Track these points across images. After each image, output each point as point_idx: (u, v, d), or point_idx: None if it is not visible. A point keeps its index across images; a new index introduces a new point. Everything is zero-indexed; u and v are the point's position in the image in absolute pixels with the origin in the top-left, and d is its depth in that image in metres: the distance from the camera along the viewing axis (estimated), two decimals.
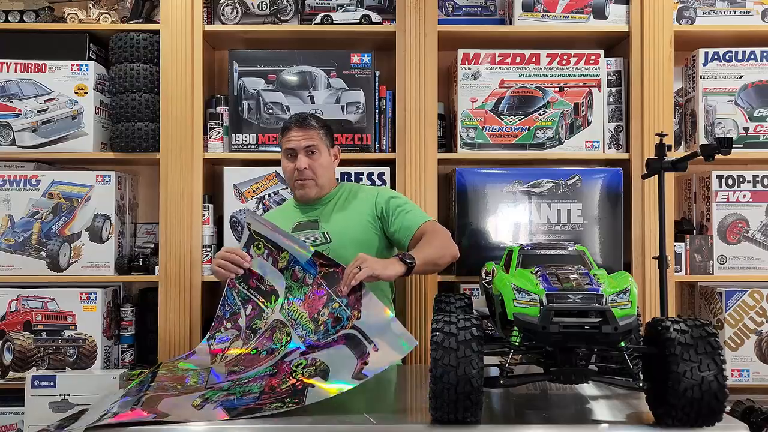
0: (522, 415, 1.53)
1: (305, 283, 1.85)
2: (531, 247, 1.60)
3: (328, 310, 1.78)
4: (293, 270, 1.87)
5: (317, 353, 1.67)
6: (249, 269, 1.94)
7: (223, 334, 1.92)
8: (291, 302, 1.86)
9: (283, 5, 2.52)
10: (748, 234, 2.47)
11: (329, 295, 1.79)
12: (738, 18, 2.51)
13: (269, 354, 1.77)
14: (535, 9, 2.48)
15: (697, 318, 1.40)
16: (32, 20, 2.50)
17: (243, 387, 1.57)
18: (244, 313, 1.91)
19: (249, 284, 1.94)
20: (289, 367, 1.65)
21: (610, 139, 2.50)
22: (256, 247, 1.95)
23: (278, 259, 1.90)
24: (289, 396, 1.48)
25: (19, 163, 2.50)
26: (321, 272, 1.83)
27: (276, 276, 1.90)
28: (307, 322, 1.80)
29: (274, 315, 1.86)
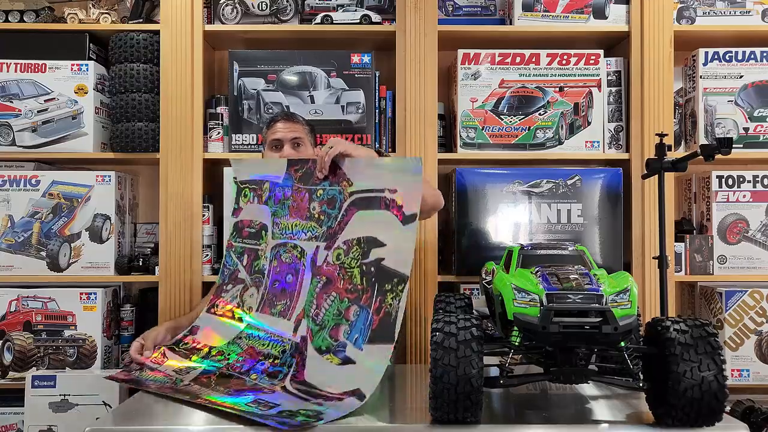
0: (522, 415, 1.53)
1: (286, 197, 1.82)
2: (531, 247, 1.60)
3: (316, 203, 1.74)
4: (274, 195, 1.85)
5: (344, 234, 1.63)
6: (240, 220, 1.92)
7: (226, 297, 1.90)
8: (278, 223, 1.82)
9: (283, 5, 2.52)
10: (748, 234, 2.47)
11: (309, 191, 1.75)
12: (738, 18, 2.51)
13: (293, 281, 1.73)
14: (535, 9, 2.48)
15: (697, 318, 1.40)
16: (32, 20, 2.50)
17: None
18: (242, 265, 1.89)
19: (242, 235, 1.92)
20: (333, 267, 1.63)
21: (610, 139, 2.50)
22: (243, 196, 1.93)
23: (261, 194, 1.89)
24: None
25: (19, 163, 2.50)
26: (296, 178, 1.80)
27: (261, 210, 1.88)
28: (304, 225, 1.74)
29: (269, 245, 1.83)
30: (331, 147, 1.73)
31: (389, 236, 1.58)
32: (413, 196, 1.56)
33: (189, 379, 1.66)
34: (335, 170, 1.72)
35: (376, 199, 1.62)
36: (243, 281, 1.87)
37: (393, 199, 1.58)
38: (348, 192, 1.67)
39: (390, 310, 1.54)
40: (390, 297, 1.55)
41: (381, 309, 1.56)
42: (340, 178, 1.71)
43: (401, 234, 1.55)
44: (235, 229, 1.96)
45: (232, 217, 1.97)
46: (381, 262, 1.57)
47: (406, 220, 1.55)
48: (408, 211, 1.56)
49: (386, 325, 1.53)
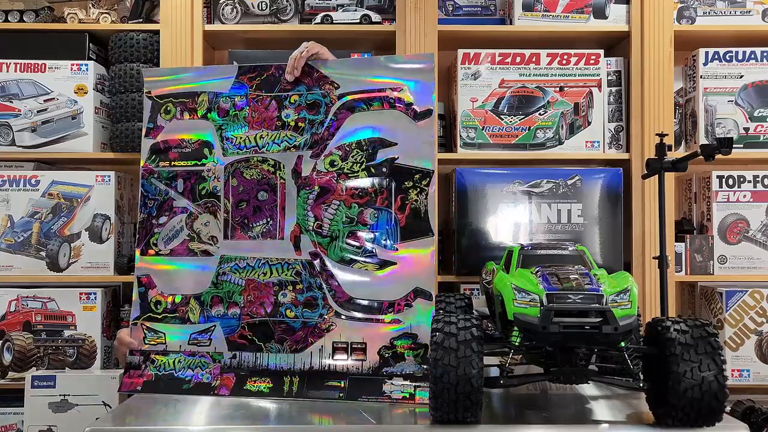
0: (522, 415, 1.53)
1: (238, 108, 1.63)
2: (531, 247, 1.60)
3: (291, 109, 1.60)
4: (217, 107, 1.65)
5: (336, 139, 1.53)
6: (162, 140, 1.67)
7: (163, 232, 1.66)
8: (229, 138, 1.62)
9: (283, 5, 2.51)
10: (748, 234, 2.46)
11: (278, 98, 1.60)
12: (738, 18, 2.51)
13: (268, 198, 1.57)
14: (535, 9, 2.48)
15: (697, 318, 1.40)
16: (32, 20, 2.50)
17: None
18: (176, 192, 1.65)
19: (168, 157, 1.67)
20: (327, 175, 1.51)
21: (610, 139, 2.50)
22: (164, 112, 1.69)
23: (195, 107, 1.67)
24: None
25: (18, 163, 2.50)
26: (252, 86, 1.64)
27: (198, 126, 1.65)
28: (274, 135, 1.59)
29: (221, 164, 1.62)
30: (306, 48, 1.63)
31: (399, 135, 1.50)
32: (425, 93, 1.49)
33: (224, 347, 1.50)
34: (312, 73, 1.60)
35: (376, 99, 1.52)
36: (184, 209, 1.65)
37: (398, 97, 1.50)
38: (335, 95, 1.57)
39: (417, 206, 1.47)
40: (414, 193, 1.48)
41: (405, 207, 1.48)
42: (321, 81, 1.59)
43: (415, 130, 1.48)
44: (153, 151, 1.70)
45: (147, 139, 1.71)
46: (394, 162, 1.50)
47: (419, 117, 1.49)
48: (421, 107, 1.48)
49: (417, 220, 1.46)
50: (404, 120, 1.50)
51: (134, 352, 1.62)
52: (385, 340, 1.43)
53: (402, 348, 1.44)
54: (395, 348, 1.44)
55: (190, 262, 1.61)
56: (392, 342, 1.44)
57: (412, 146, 1.51)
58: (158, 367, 1.56)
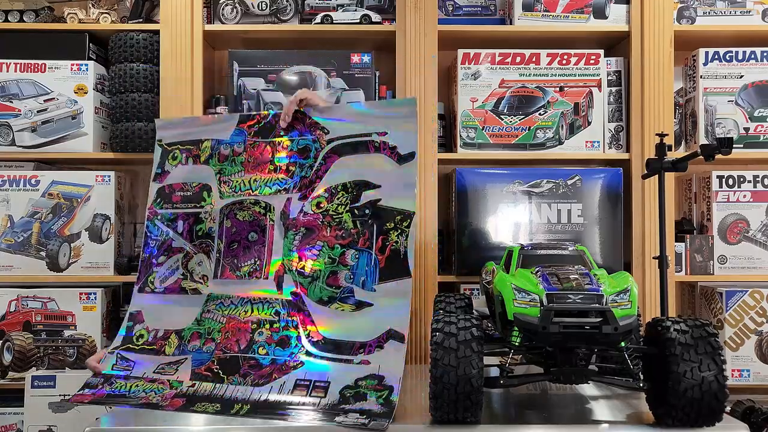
0: (522, 415, 1.53)
1: (236, 153, 1.70)
2: (531, 247, 1.60)
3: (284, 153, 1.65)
4: (218, 153, 1.72)
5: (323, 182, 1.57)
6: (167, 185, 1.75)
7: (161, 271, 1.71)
8: (229, 181, 1.68)
9: (283, 5, 2.51)
10: (748, 234, 2.46)
11: (272, 143, 1.66)
12: (738, 18, 2.50)
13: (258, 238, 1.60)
14: (535, 9, 2.48)
15: (697, 318, 1.40)
16: (32, 20, 2.50)
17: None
18: (175, 233, 1.71)
19: (171, 200, 1.75)
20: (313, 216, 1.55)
21: (610, 139, 2.50)
22: (171, 158, 1.78)
23: (199, 154, 1.74)
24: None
25: (18, 163, 2.50)
26: (251, 132, 1.70)
27: (200, 171, 1.73)
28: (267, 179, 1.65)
29: (217, 207, 1.68)
30: (296, 95, 1.69)
31: (383, 177, 1.55)
32: (408, 137, 1.53)
33: (186, 377, 1.51)
34: (304, 120, 1.66)
35: (362, 144, 1.58)
36: (181, 249, 1.71)
37: (383, 141, 1.55)
38: (325, 140, 1.62)
39: (397, 247, 1.50)
40: (395, 235, 1.51)
41: (386, 247, 1.51)
42: (312, 128, 1.64)
43: (398, 173, 1.53)
44: (159, 195, 1.78)
45: (155, 183, 1.80)
46: (377, 203, 1.54)
47: (403, 159, 1.54)
48: (404, 151, 1.53)
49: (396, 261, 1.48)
50: (388, 163, 1.55)
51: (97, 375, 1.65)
52: (350, 381, 1.41)
53: (366, 388, 1.41)
54: (359, 388, 1.42)
55: (180, 301, 1.65)
56: (356, 382, 1.42)
57: (394, 188, 1.55)
58: (114, 388, 1.57)
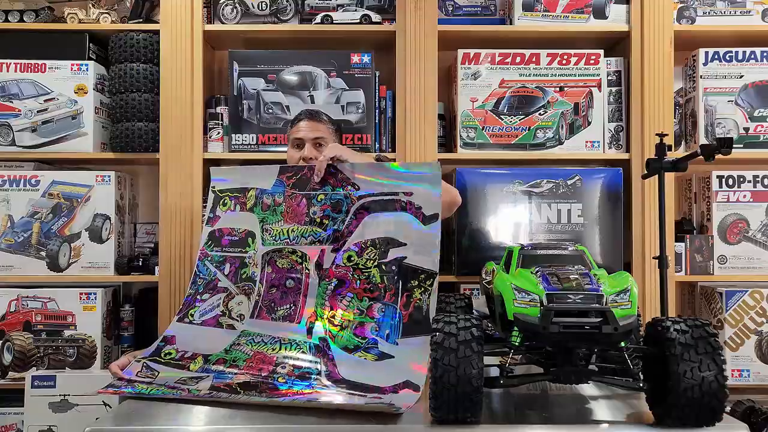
0: (522, 415, 1.53)
1: (277, 204, 1.80)
2: (531, 247, 1.60)
3: (317, 207, 1.75)
4: (261, 202, 1.82)
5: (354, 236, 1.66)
6: (217, 229, 1.86)
7: (203, 306, 1.79)
8: (270, 229, 1.78)
9: (283, 5, 2.51)
10: (748, 234, 2.47)
11: (307, 196, 1.76)
12: (738, 18, 2.51)
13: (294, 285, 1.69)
14: (535, 9, 2.48)
15: (697, 318, 1.40)
16: (32, 20, 2.50)
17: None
18: (222, 274, 1.81)
19: (221, 244, 1.85)
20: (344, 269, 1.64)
21: (610, 139, 2.50)
22: (221, 205, 1.89)
23: (245, 201, 1.85)
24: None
25: (18, 163, 2.50)
26: (289, 184, 1.80)
27: (246, 218, 1.83)
28: (303, 230, 1.74)
29: (260, 252, 1.78)
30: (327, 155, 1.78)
31: (409, 236, 1.63)
32: (432, 200, 1.63)
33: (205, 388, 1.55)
34: (337, 175, 1.75)
35: (390, 202, 1.67)
36: (225, 290, 1.80)
37: (409, 201, 1.64)
38: (355, 196, 1.71)
39: (420, 305, 1.57)
40: (418, 292, 1.59)
41: (410, 304, 1.58)
42: (344, 183, 1.74)
43: (423, 233, 1.62)
44: (210, 238, 1.88)
45: (207, 226, 1.91)
46: (403, 261, 1.62)
47: (427, 220, 1.62)
48: (428, 212, 1.63)
49: (418, 318, 1.55)
50: (414, 223, 1.64)
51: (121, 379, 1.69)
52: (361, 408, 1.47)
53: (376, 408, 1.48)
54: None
55: (214, 332, 1.74)
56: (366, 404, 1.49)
57: (419, 248, 1.63)
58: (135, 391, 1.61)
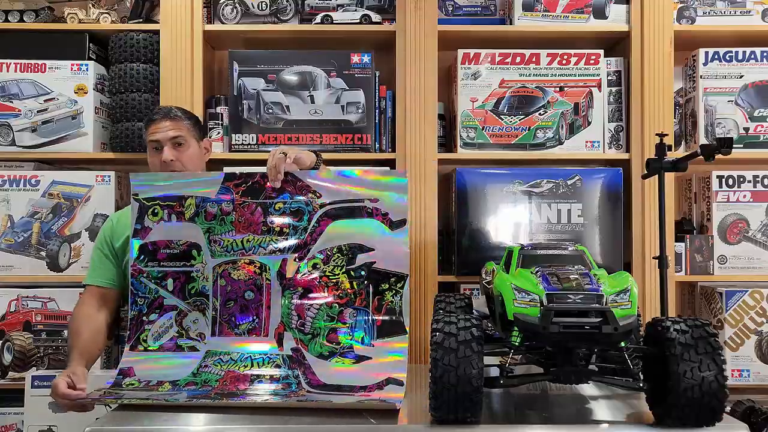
0: (522, 415, 1.53)
1: (225, 213, 1.73)
2: (531, 247, 1.60)
3: (275, 216, 1.71)
4: (204, 211, 1.74)
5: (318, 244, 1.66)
6: (151, 241, 1.73)
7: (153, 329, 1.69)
8: (220, 240, 1.71)
9: (283, 5, 2.51)
10: (748, 234, 2.46)
11: (263, 204, 1.71)
12: (738, 18, 2.50)
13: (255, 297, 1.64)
14: (535, 9, 2.48)
15: (697, 318, 1.40)
16: (32, 20, 2.50)
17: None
18: (166, 291, 1.72)
19: (157, 258, 1.73)
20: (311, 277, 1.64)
21: (610, 139, 2.50)
22: (151, 214, 1.76)
23: (183, 211, 1.74)
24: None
25: (18, 163, 2.49)
26: (238, 192, 1.74)
27: (186, 229, 1.73)
28: (260, 239, 1.69)
29: (209, 265, 1.70)
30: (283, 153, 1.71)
31: (377, 242, 1.65)
32: (399, 206, 1.66)
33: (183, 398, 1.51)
34: (295, 182, 1.72)
35: (356, 209, 1.67)
36: (174, 307, 1.71)
37: (376, 207, 1.66)
38: (317, 203, 1.69)
39: (393, 306, 1.59)
40: (389, 295, 1.61)
41: (382, 307, 1.60)
42: (304, 190, 1.71)
43: (391, 238, 1.63)
44: (142, 252, 1.75)
45: (135, 240, 1.77)
46: (372, 266, 1.63)
47: (395, 226, 1.64)
48: (395, 218, 1.64)
49: (392, 320, 1.58)
50: (381, 228, 1.65)
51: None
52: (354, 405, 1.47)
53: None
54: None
55: (176, 357, 1.67)
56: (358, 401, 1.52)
57: (388, 252, 1.65)
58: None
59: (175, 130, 1.97)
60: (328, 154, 2.44)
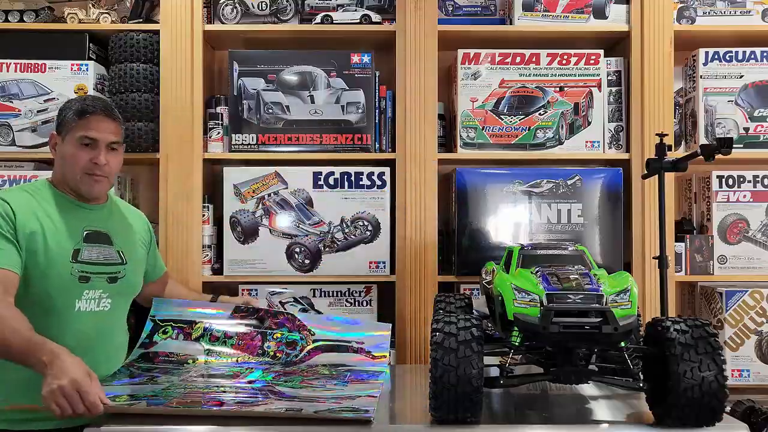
0: (522, 415, 1.53)
1: (228, 336, 1.92)
2: (531, 247, 1.60)
3: (273, 343, 1.91)
4: (210, 335, 1.92)
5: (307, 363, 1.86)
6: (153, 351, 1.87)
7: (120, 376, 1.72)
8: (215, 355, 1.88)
9: (283, 5, 2.51)
10: (748, 234, 2.47)
11: (263, 332, 1.93)
12: (738, 18, 2.50)
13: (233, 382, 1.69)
14: (535, 9, 2.48)
15: (697, 318, 1.40)
16: (32, 20, 2.50)
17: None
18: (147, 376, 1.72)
19: (153, 361, 1.85)
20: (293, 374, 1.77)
21: (610, 139, 2.50)
22: (162, 333, 1.92)
23: (191, 332, 1.93)
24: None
25: (18, 163, 2.49)
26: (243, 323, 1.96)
27: (189, 346, 1.90)
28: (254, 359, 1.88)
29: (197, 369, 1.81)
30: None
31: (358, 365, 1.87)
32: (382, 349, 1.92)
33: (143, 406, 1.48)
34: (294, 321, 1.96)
35: (343, 347, 1.93)
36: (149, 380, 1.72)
37: (361, 347, 1.92)
38: (311, 339, 1.93)
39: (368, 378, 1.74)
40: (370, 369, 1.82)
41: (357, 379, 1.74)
42: (301, 328, 1.95)
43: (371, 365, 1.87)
44: (142, 357, 1.85)
45: (139, 348, 1.87)
46: (353, 368, 1.85)
47: (377, 358, 1.90)
48: (377, 354, 1.91)
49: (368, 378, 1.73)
50: (364, 360, 1.90)
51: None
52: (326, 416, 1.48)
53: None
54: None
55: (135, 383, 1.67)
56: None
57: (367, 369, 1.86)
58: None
59: (116, 134, 1.80)
60: (329, 154, 2.45)
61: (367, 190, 2.42)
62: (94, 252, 1.78)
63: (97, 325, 1.77)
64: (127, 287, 1.86)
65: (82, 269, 1.74)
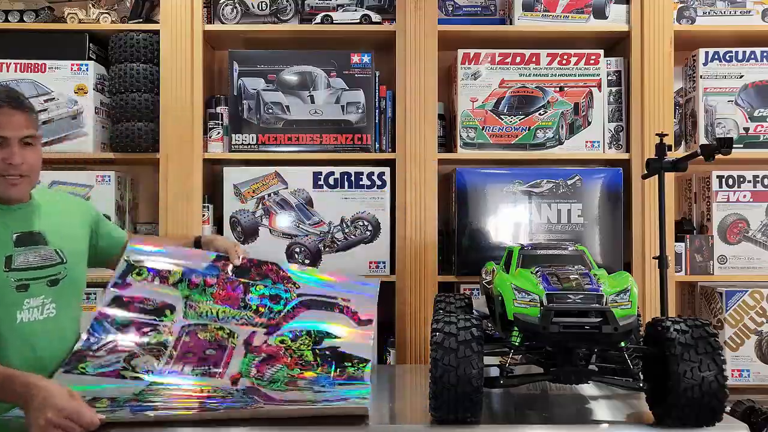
0: (522, 415, 1.53)
1: (208, 284, 1.81)
2: (531, 247, 1.60)
3: (255, 295, 1.80)
4: (189, 280, 1.81)
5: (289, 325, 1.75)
6: (127, 295, 1.76)
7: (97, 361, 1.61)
8: (194, 306, 1.77)
9: (283, 5, 2.51)
10: (748, 234, 2.47)
11: (246, 283, 1.82)
12: (738, 18, 2.50)
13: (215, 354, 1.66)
14: (535, 9, 2.48)
15: (697, 318, 1.40)
16: (32, 20, 2.50)
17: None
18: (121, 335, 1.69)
19: (128, 309, 1.75)
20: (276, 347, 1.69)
21: (610, 139, 2.50)
22: (136, 274, 1.81)
23: (168, 276, 1.82)
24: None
25: None
26: (225, 270, 1.84)
27: (166, 292, 1.79)
28: (235, 312, 1.76)
29: (178, 324, 1.73)
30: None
31: (344, 332, 1.76)
32: (368, 309, 1.81)
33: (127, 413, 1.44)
34: (278, 273, 1.86)
35: (330, 304, 1.82)
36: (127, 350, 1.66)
37: (347, 306, 1.81)
38: (295, 293, 1.83)
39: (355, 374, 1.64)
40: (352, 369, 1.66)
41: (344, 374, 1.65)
42: (285, 280, 1.85)
43: (357, 332, 1.76)
44: (114, 301, 1.76)
45: (113, 289, 1.78)
46: (337, 348, 1.71)
47: (362, 323, 1.78)
48: (364, 317, 1.79)
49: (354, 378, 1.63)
50: (350, 323, 1.78)
51: None
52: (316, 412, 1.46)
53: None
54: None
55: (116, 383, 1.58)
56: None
57: (353, 342, 1.74)
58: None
59: (29, 128, 1.60)
60: (329, 155, 2.45)
61: (367, 190, 2.42)
62: (30, 256, 1.61)
63: (45, 334, 1.61)
64: (70, 286, 1.69)
65: (18, 277, 1.58)
